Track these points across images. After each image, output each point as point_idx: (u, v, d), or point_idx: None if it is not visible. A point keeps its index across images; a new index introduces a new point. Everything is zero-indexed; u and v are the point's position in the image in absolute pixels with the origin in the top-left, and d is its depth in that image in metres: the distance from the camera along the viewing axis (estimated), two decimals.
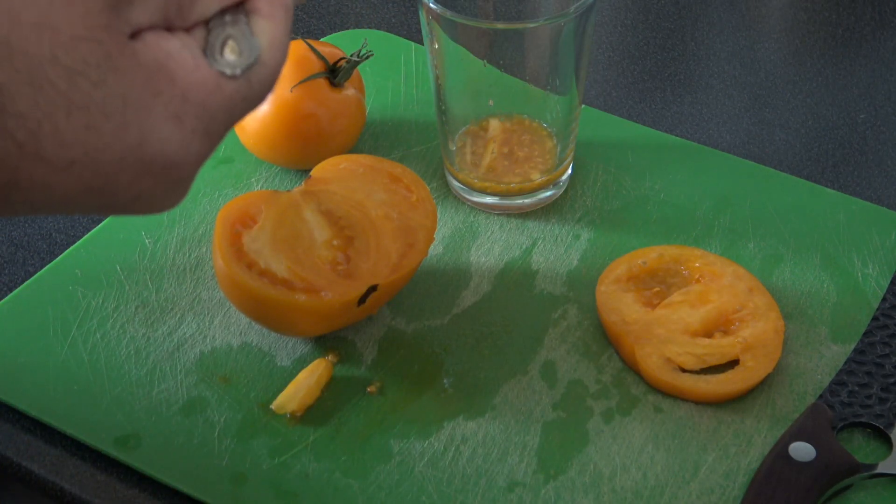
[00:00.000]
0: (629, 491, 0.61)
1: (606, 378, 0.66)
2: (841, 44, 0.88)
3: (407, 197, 0.69)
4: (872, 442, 0.63)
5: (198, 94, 0.45)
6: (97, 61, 0.42)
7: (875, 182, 0.78)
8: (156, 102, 0.44)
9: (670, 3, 0.92)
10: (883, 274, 0.70)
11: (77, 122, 0.42)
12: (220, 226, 0.65)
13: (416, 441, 0.63)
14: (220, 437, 0.63)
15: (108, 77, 0.43)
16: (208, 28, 0.47)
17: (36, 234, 0.76)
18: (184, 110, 0.45)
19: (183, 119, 0.45)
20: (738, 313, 0.67)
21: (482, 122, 0.74)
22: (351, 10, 0.92)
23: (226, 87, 0.46)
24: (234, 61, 0.47)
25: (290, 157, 0.76)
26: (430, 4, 0.68)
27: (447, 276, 0.72)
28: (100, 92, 0.43)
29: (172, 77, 0.45)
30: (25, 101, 0.41)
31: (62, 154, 0.43)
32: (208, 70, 0.46)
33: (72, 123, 0.42)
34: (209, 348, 0.68)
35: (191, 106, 0.45)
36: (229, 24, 0.47)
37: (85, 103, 0.42)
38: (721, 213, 0.74)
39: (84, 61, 0.42)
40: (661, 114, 0.83)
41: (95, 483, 0.63)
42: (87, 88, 0.42)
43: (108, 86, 0.43)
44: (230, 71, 0.46)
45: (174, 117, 0.45)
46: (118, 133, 0.43)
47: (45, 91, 0.41)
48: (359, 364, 0.67)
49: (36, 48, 0.41)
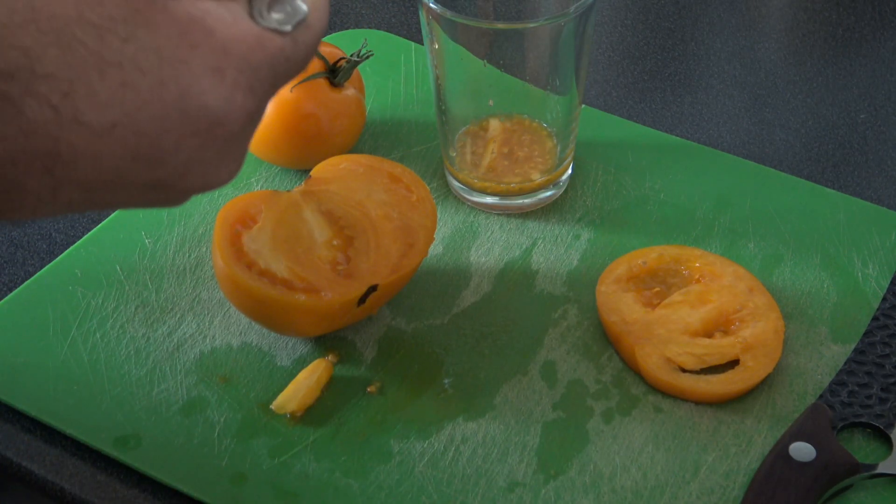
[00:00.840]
0: (629, 491, 0.61)
1: (606, 378, 0.66)
2: (841, 44, 0.88)
3: (407, 197, 0.69)
4: (872, 442, 0.63)
5: (239, 47, 0.44)
6: (124, 16, 0.42)
7: (875, 182, 0.78)
8: (193, 55, 0.43)
9: (670, 3, 0.92)
10: (883, 274, 0.70)
11: (112, 81, 0.41)
12: (220, 226, 0.65)
13: (416, 441, 0.63)
14: (219, 437, 0.63)
15: (139, 31, 0.42)
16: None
17: (36, 234, 0.76)
18: (225, 63, 0.44)
19: (224, 71, 0.44)
20: (738, 313, 0.67)
21: (482, 122, 0.74)
22: (351, 10, 0.92)
23: (269, 43, 0.45)
24: (283, 18, 0.46)
25: (290, 157, 0.76)
26: (430, 4, 0.68)
27: (447, 276, 0.72)
28: (131, 47, 0.42)
29: (210, 30, 0.43)
30: (55, 62, 0.40)
31: (101, 116, 0.41)
32: (250, 25, 0.45)
33: (106, 82, 0.41)
34: (209, 348, 0.68)
35: (232, 59, 0.44)
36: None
37: (117, 60, 0.41)
38: (721, 213, 0.74)
39: (110, 17, 0.41)
40: (661, 114, 0.83)
41: (95, 483, 0.63)
42: (117, 45, 0.41)
43: (139, 40, 0.42)
44: (281, 27, 0.45)
45: (214, 70, 0.43)
46: (156, 89, 0.42)
47: (75, 50, 0.41)
48: (359, 364, 0.67)
49: (61, 8, 0.41)
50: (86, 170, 0.42)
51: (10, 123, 0.41)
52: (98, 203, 0.44)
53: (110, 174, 0.43)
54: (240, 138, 0.46)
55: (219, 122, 0.44)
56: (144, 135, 0.43)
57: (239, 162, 0.47)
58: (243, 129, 0.45)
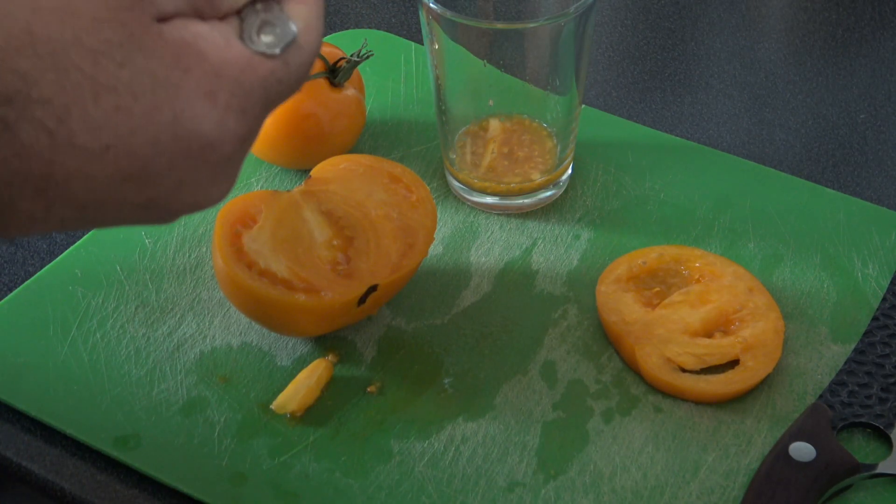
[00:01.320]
0: (629, 491, 0.61)
1: (606, 378, 0.66)
2: (841, 44, 0.88)
3: (407, 197, 0.69)
4: (872, 442, 0.63)
5: (231, 70, 0.44)
6: (120, 41, 0.42)
7: (875, 182, 0.78)
8: (186, 79, 0.43)
9: (670, 3, 0.92)
10: (883, 274, 0.70)
11: (106, 105, 0.42)
12: (220, 226, 0.65)
13: (416, 441, 0.63)
14: (220, 437, 0.63)
15: (134, 56, 0.42)
16: (241, 17, 0.46)
17: (36, 234, 0.76)
18: (217, 86, 0.44)
19: (217, 95, 0.44)
20: (738, 313, 0.67)
21: (482, 122, 0.74)
22: (351, 10, 0.92)
23: (260, 66, 0.45)
24: (272, 41, 0.46)
25: (290, 157, 0.76)
26: (430, 4, 0.68)
27: (447, 276, 0.72)
28: (126, 72, 0.42)
29: (202, 54, 0.44)
30: (51, 86, 0.41)
31: (94, 138, 0.42)
32: (241, 48, 0.45)
33: (100, 106, 0.42)
34: (209, 348, 0.68)
35: (224, 82, 0.44)
36: (262, 10, 0.47)
37: (112, 84, 0.42)
38: (721, 213, 0.74)
39: (107, 42, 0.42)
40: (661, 114, 0.83)
41: (95, 483, 0.63)
42: (112, 69, 0.42)
43: (134, 65, 0.42)
44: (269, 50, 0.46)
45: (207, 94, 0.44)
46: (149, 113, 0.43)
47: (71, 75, 0.41)
48: (359, 364, 0.67)
49: (58, 33, 0.41)
50: (78, 190, 0.43)
51: (6, 147, 0.41)
52: (90, 221, 0.44)
53: (103, 194, 0.43)
54: (232, 160, 0.46)
55: (211, 145, 0.44)
56: (137, 157, 0.43)
57: (231, 182, 0.47)
58: (235, 151, 0.46)
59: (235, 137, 0.45)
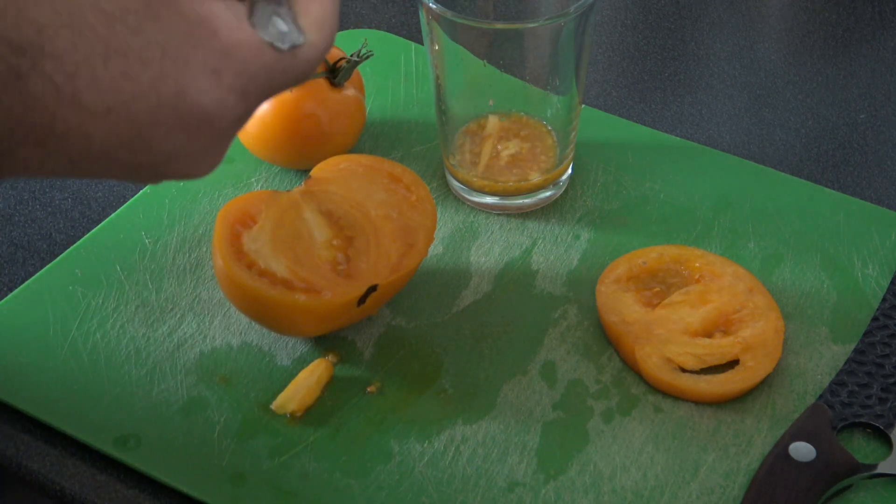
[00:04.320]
0: (629, 491, 0.61)
1: (606, 378, 0.66)
2: (841, 44, 0.88)
3: (407, 197, 0.69)
4: (872, 442, 0.63)
5: (240, 52, 0.45)
6: (136, 9, 0.43)
7: (875, 182, 0.78)
8: (195, 54, 0.44)
9: (670, 3, 0.92)
10: (883, 274, 0.70)
11: (114, 69, 0.43)
12: (220, 226, 0.65)
13: (416, 441, 0.63)
14: (219, 437, 0.63)
15: (148, 25, 0.43)
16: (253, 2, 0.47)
17: (36, 234, 0.76)
18: (224, 65, 0.45)
19: (222, 74, 0.45)
20: (738, 313, 0.67)
21: (482, 122, 0.74)
22: (351, 10, 0.92)
23: (268, 53, 0.46)
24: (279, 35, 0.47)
25: (290, 157, 0.76)
26: (430, 4, 0.68)
27: (447, 276, 0.72)
28: (138, 39, 0.43)
29: (215, 31, 0.45)
30: (64, 43, 0.42)
31: (98, 99, 0.43)
32: (251, 32, 0.46)
33: (109, 69, 0.43)
34: (209, 348, 0.68)
35: (231, 62, 0.45)
36: (273, 2, 0.47)
37: (123, 50, 0.43)
38: (721, 213, 0.74)
39: (124, 8, 0.43)
40: (661, 114, 0.83)
41: (95, 483, 0.63)
42: (125, 35, 0.43)
43: (147, 34, 0.43)
44: (277, 43, 0.47)
45: (213, 72, 0.45)
46: (155, 82, 0.44)
47: (84, 35, 0.42)
48: (359, 364, 0.67)
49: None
50: (75, 146, 0.44)
51: (15, 96, 0.42)
52: (79, 173, 0.46)
53: (97, 153, 0.44)
54: (225, 136, 0.47)
55: (209, 120, 0.45)
56: (136, 123, 0.44)
57: (220, 156, 0.48)
58: (231, 128, 0.47)
59: (233, 116, 0.46)
